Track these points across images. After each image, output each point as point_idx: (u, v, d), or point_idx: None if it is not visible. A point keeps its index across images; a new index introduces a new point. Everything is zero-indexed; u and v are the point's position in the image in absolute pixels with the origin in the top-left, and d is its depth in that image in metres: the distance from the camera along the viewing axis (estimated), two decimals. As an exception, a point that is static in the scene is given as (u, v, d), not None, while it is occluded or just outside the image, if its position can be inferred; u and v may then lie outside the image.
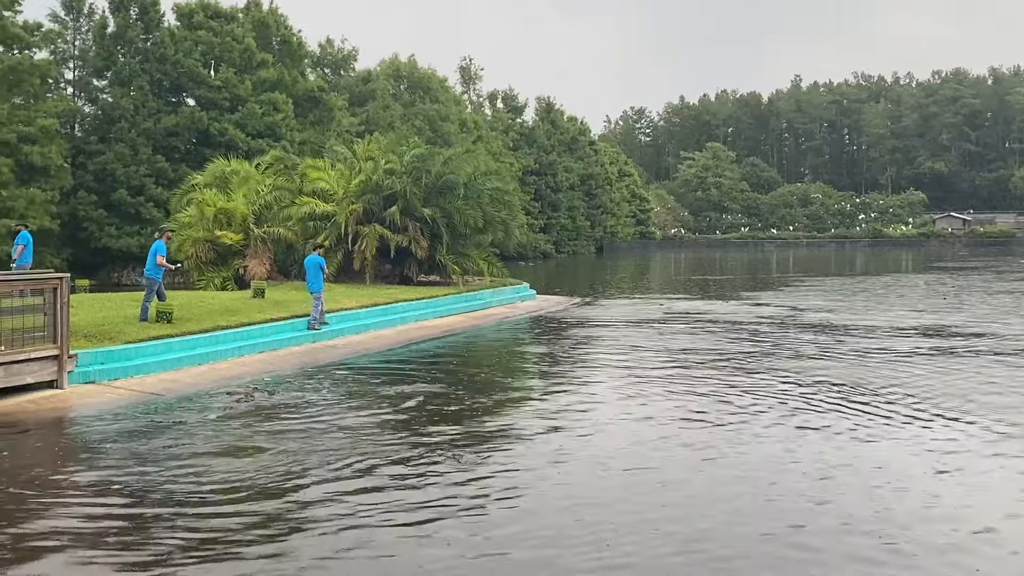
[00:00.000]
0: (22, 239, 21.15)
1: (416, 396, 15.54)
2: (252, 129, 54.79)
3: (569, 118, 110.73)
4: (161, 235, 20.87)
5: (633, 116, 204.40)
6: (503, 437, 12.71)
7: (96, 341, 17.10)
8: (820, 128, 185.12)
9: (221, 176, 35.19)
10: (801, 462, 11.22)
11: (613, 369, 18.95)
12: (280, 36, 63.57)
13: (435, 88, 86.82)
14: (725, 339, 23.56)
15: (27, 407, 14.17)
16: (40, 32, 48.67)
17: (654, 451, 11.84)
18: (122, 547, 8.33)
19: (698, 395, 15.57)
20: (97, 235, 50.08)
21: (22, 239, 21.15)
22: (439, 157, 34.31)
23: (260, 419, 13.66)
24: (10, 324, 14.98)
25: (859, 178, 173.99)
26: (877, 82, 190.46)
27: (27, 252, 21.13)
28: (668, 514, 9.29)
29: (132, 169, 50.75)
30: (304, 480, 10.39)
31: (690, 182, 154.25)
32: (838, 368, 18.43)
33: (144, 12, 55.16)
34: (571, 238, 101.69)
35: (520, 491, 10.08)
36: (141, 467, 10.91)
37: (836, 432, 12.72)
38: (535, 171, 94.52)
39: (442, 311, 28.82)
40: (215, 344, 19.21)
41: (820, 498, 9.79)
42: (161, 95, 54.94)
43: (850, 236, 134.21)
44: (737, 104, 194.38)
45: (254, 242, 31.94)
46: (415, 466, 11.01)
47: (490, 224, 34.68)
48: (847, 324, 26.98)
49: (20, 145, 43.34)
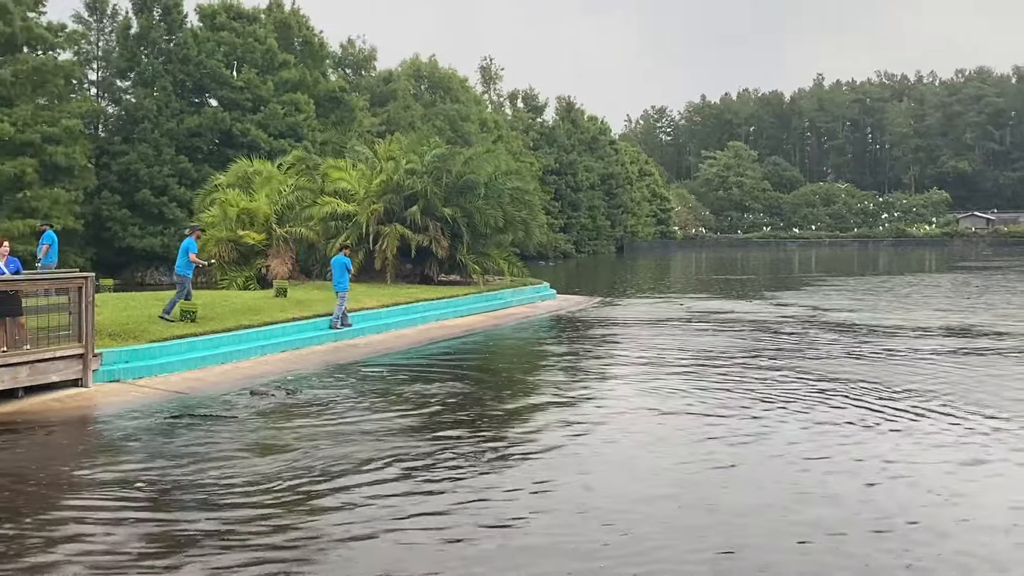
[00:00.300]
0: (47, 239, 21.30)
1: (437, 395, 15.58)
2: (274, 129, 55.03)
3: (589, 117, 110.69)
4: (191, 233, 21.21)
5: (654, 115, 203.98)
6: (524, 436, 12.71)
7: (121, 340, 17.23)
8: (843, 127, 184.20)
9: (244, 176, 35.37)
10: (833, 461, 11.18)
11: (635, 368, 18.93)
12: (302, 37, 63.80)
13: (455, 88, 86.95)
14: (748, 339, 23.49)
15: (53, 405, 14.31)
16: (64, 33, 49.11)
17: (679, 451, 11.82)
18: (144, 544, 8.39)
19: (722, 396, 15.50)
20: (121, 235, 50.41)
21: (47, 239, 21.30)
22: (459, 157, 34.37)
23: (283, 418, 13.74)
24: (36, 323, 15.15)
25: (882, 177, 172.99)
26: (900, 81, 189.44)
27: (52, 252, 21.29)
28: (697, 518, 9.28)
29: (155, 169, 51.04)
30: (325, 478, 10.44)
31: (711, 181, 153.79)
32: (864, 368, 18.33)
33: (167, 13, 55.48)
34: (591, 238, 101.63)
35: (544, 491, 10.08)
36: (165, 465, 11.00)
37: (874, 433, 12.65)
38: (555, 171, 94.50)
39: (462, 311, 28.86)
40: (238, 343, 19.33)
41: (864, 497, 9.75)
42: (184, 96, 55.23)
43: (873, 236, 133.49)
44: (759, 103, 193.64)
45: (276, 242, 32.10)
46: (436, 465, 11.04)
47: (510, 224, 34.71)
48: (871, 324, 26.85)
49: (44, 145, 43.68)
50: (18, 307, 14.94)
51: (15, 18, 44.09)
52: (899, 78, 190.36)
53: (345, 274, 22.99)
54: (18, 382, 14.33)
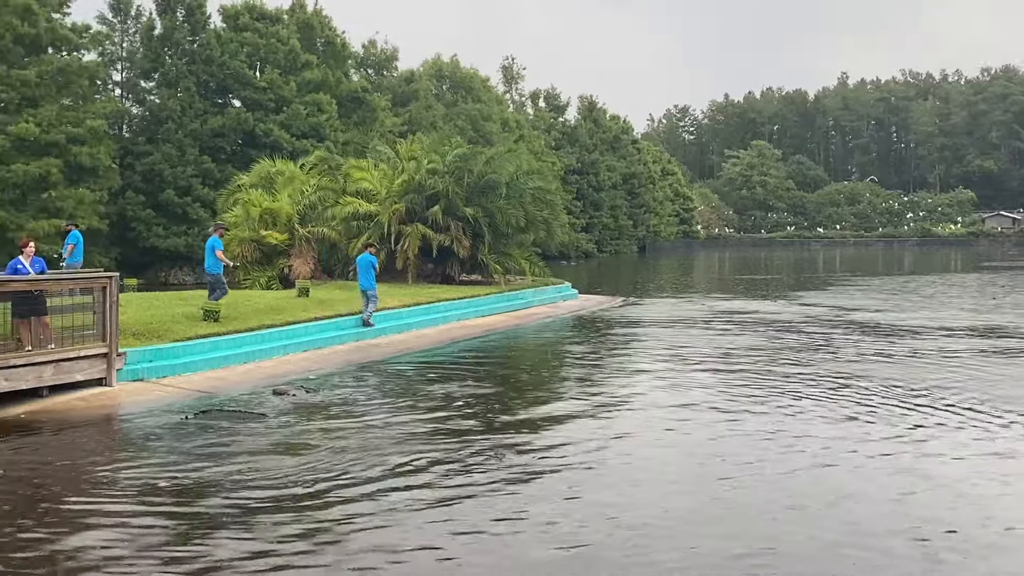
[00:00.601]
0: (72, 239, 21.44)
1: (460, 395, 15.56)
2: (297, 130, 55.26)
3: (612, 117, 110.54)
4: (215, 231, 21.46)
5: (677, 114, 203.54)
6: (549, 437, 12.66)
7: (144, 339, 17.31)
8: (867, 126, 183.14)
9: (266, 176, 35.49)
10: (867, 464, 11.10)
11: (658, 369, 18.83)
12: (324, 37, 64.03)
13: (477, 88, 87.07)
14: (772, 339, 23.35)
15: (77, 404, 14.39)
16: (88, 34, 49.52)
17: (704, 451, 11.76)
18: (167, 544, 8.42)
19: (748, 397, 15.37)
20: (145, 235, 50.76)
21: (72, 239, 21.44)
22: (481, 157, 34.35)
23: (305, 417, 13.76)
24: (60, 322, 15.26)
25: (907, 176, 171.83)
26: (925, 79, 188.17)
27: (77, 251, 21.43)
28: (728, 520, 9.23)
29: (179, 170, 51.37)
30: (347, 478, 10.43)
31: (735, 180, 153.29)
32: (891, 368, 18.17)
33: (190, 14, 55.82)
34: (613, 237, 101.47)
35: (566, 492, 10.03)
36: (188, 464, 11.03)
37: (904, 437, 12.55)
38: (577, 170, 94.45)
39: (484, 310, 28.85)
40: (261, 343, 19.39)
41: (896, 499, 9.67)
42: (207, 96, 55.55)
43: (898, 235, 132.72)
44: (783, 102, 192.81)
45: (299, 242, 32.20)
46: (458, 465, 11.01)
47: (532, 223, 34.66)
48: (896, 324, 26.65)
49: (69, 146, 44.06)
50: (43, 307, 15.06)
51: (40, 19, 44.51)
52: (924, 77, 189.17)
53: (371, 272, 23.04)
54: (43, 381, 14.42)
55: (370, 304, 22.88)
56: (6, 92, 43.25)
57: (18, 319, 14.89)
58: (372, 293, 22.96)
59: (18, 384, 13.99)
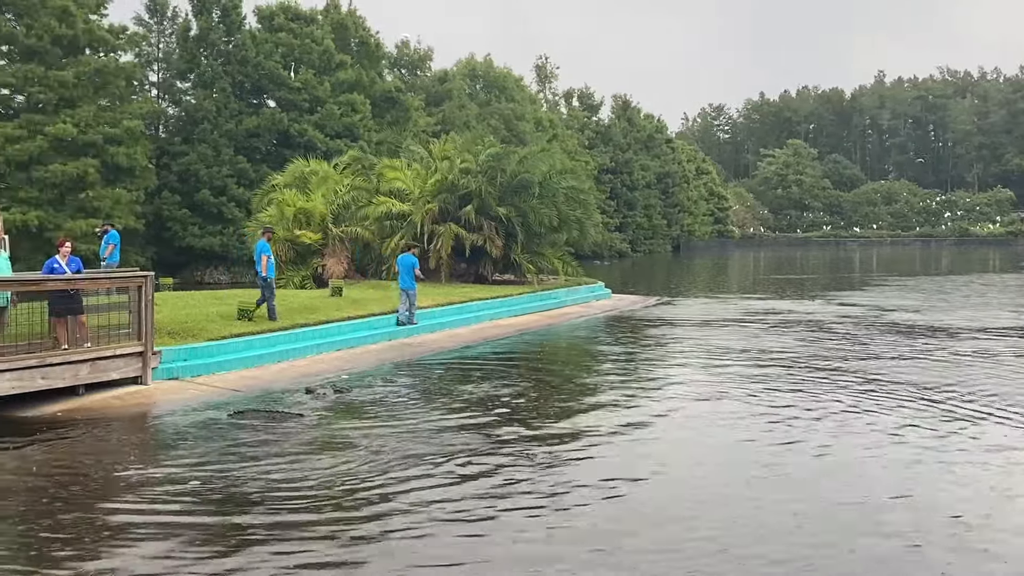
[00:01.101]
0: (111, 238, 21.52)
1: (493, 395, 15.53)
2: (331, 130, 55.48)
3: (646, 116, 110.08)
4: (264, 235, 21.74)
5: (711, 113, 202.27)
6: (584, 436, 12.55)
7: (179, 338, 17.42)
8: (904, 124, 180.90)
9: (300, 176, 35.65)
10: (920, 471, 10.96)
11: (691, 369, 18.71)
12: (358, 37, 64.26)
13: (511, 87, 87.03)
14: (807, 339, 23.13)
15: (112, 402, 14.50)
16: (125, 35, 50.03)
17: (740, 457, 11.65)
18: (199, 542, 8.44)
19: (786, 400, 15.20)
20: (181, 234, 51.15)
21: (111, 238, 21.52)
22: (514, 156, 34.31)
23: (339, 416, 13.78)
24: (96, 321, 15.39)
25: (945, 175, 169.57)
26: (963, 78, 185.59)
27: (116, 251, 21.57)
28: (773, 522, 9.14)
29: (214, 170, 51.71)
30: (379, 476, 10.42)
31: (770, 180, 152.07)
32: (935, 370, 17.95)
33: (226, 15, 56.20)
34: (647, 237, 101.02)
35: (615, 495, 9.93)
36: (222, 462, 11.07)
37: (952, 436, 12.40)
38: (611, 169, 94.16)
39: (517, 310, 28.82)
40: (294, 342, 19.47)
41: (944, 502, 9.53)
42: (242, 97, 55.91)
43: (935, 235, 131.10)
44: (819, 100, 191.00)
45: (332, 241, 32.33)
46: (498, 465, 10.96)
47: (565, 223, 34.58)
48: (936, 325, 26.32)
49: (106, 146, 44.53)
50: (79, 306, 15.19)
51: (77, 20, 45.01)
52: (962, 75, 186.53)
53: (411, 273, 23.34)
54: (79, 379, 14.55)
55: (409, 304, 23.10)
56: (44, 93, 43.77)
57: (55, 318, 15.04)
58: (412, 293, 23.23)
59: (55, 382, 14.12)
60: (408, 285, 23.17)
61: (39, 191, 42.35)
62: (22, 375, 13.64)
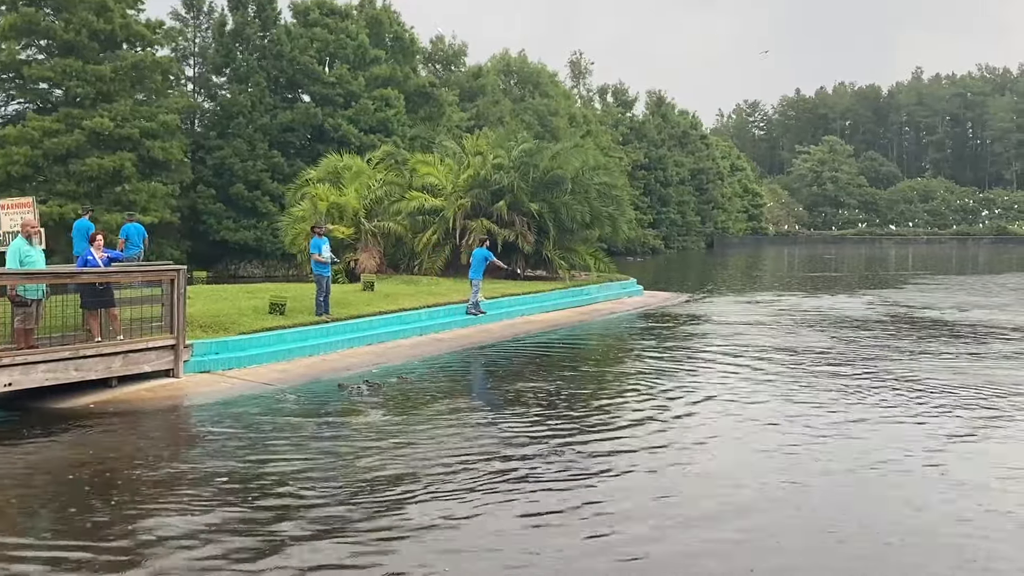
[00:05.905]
0: (125, 232, 20.85)
1: (524, 390, 15.48)
2: (364, 125, 55.59)
3: (680, 112, 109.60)
4: (314, 231, 21.94)
5: (746, 109, 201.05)
6: (621, 435, 12.47)
7: (211, 331, 17.49)
8: (942, 122, 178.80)
9: (334, 171, 35.74)
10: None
11: (724, 367, 18.51)
12: (393, 33, 64.30)
13: (545, 83, 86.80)
14: (842, 338, 22.86)
15: (144, 395, 14.58)
16: (162, 30, 50.41)
17: (774, 459, 11.51)
18: (230, 536, 8.44)
19: (823, 399, 15.03)
20: (215, 228, 51.47)
21: (125, 232, 20.85)
22: (547, 152, 34.16)
23: (369, 410, 13.78)
24: (129, 314, 15.48)
25: (982, 173, 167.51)
26: (1002, 74, 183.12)
27: (130, 245, 20.67)
28: (800, 535, 9.04)
29: (249, 164, 51.97)
30: (407, 471, 10.40)
31: (805, 177, 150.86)
32: (980, 369, 17.72)
33: (261, 10, 56.50)
34: (681, 233, 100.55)
35: (662, 498, 9.88)
36: (252, 456, 11.10)
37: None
38: (645, 165, 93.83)
39: (548, 306, 28.73)
40: (326, 336, 19.51)
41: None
42: (277, 91, 56.16)
43: (972, 233, 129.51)
44: (855, 97, 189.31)
45: (365, 236, 32.40)
46: (520, 461, 10.93)
47: (597, 219, 34.41)
48: (977, 323, 25.96)
49: (142, 140, 44.86)
50: (111, 298, 15.28)
51: (115, 15, 45.40)
52: (1001, 71, 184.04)
53: (481, 265, 24.90)
54: (112, 372, 14.64)
55: (475, 292, 24.58)
56: (82, 87, 44.17)
57: (88, 310, 15.14)
58: (476, 282, 24.66)
59: (88, 374, 14.22)
60: (474, 275, 24.71)
61: (76, 184, 42.74)
62: (56, 367, 13.74)
